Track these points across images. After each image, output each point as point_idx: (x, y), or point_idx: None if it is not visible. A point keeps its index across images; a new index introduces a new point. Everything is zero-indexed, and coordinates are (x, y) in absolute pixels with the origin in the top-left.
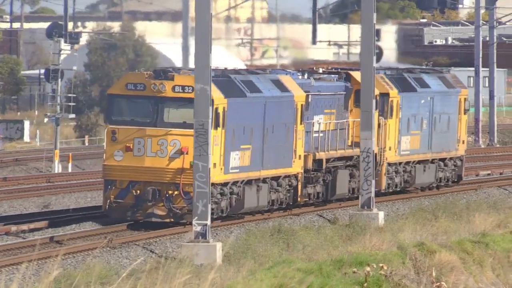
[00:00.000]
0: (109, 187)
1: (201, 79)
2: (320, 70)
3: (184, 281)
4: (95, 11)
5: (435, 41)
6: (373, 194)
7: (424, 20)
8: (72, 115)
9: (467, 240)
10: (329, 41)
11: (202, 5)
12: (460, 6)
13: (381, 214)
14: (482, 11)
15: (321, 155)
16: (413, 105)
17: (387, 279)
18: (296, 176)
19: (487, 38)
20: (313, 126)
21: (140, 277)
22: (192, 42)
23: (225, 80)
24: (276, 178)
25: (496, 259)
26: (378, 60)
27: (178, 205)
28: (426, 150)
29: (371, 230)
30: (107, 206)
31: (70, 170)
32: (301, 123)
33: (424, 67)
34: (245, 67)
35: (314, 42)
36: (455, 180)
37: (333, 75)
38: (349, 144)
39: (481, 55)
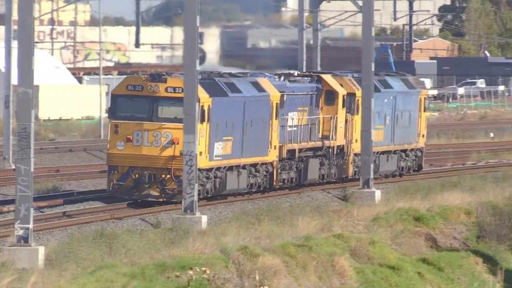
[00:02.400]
0: (112, 172)
1: (24, 83)
2: (295, 73)
3: (6, 285)
4: None
5: (259, 44)
6: (195, 198)
7: (248, 23)
8: None
9: (290, 244)
10: (152, 44)
11: (25, 8)
12: (284, 9)
13: (204, 218)
14: (306, 14)
15: (294, 146)
16: (378, 103)
17: (210, 283)
18: (272, 163)
19: (311, 41)
20: (287, 121)
21: None
22: (15, 45)
23: (210, 82)
24: (254, 165)
25: (320, 263)
26: (201, 63)
27: (170, 186)
28: (389, 142)
29: (194, 234)
30: (110, 187)
31: None
32: (276, 119)
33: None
34: (67, 70)
35: (137, 45)
36: (416, 169)
37: (306, 78)
38: (320, 137)
39: (305, 58)
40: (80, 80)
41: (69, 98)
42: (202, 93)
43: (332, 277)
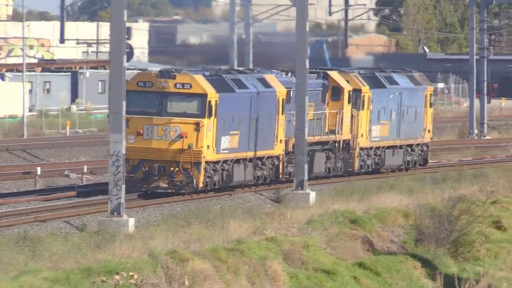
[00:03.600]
0: None
1: None
2: None
3: None
4: None
5: (189, 40)
6: (123, 200)
7: (178, 17)
8: None
9: (221, 248)
10: (78, 40)
11: None
12: (214, 2)
13: (131, 221)
14: (238, 7)
15: None
16: (383, 99)
17: None
18: (278, 157)
19: (243, 36)
20: (293, 116)
21: None
22: None
23: (218, 78)
24: (261, 158)
25: (252, 267)
26: (128, 59)
27: (178, 178)
28: (395, 137)
29: (121, 237)
30: None
31: None
32: (282, 114)
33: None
34: None
35: (62, 40)
36: (422, 163)
37: (312, 74)
38: (326, 131)
39: (236, 54)
40: (2, 77)
41: None
42: (209, 89)
43: (265, 282)
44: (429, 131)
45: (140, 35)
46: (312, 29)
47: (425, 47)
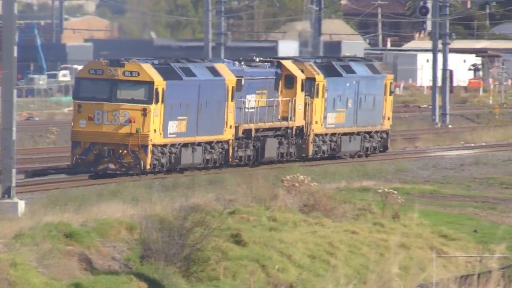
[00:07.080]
0: (75, 147)
1: None
2: (257, 60)
3: None
4: None
5: None
6: None
7: None
8: None
9: None
10: None
11: None
12: None
13: None
14: None
15: (250, 126)
16: (339, 87)
17: None
18: (227, 141)
19: None
20: (244, 103)
21: None
22: None
23: (166, 67)
24: (210, 143)
25: None
26: None
27: (126, 160)
28: (352, 124)
29: None
30: (73, 161)
31: None
32: (232, 101)
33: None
34: None
35: None
36: (382, 149)
37: (266, 63)
38: (279, 118)
39: None
40: None
41: None
42: (156, 77)
43: None
44: (388, 119)
45: None
46: (21, 11)
47: (152, 32)
